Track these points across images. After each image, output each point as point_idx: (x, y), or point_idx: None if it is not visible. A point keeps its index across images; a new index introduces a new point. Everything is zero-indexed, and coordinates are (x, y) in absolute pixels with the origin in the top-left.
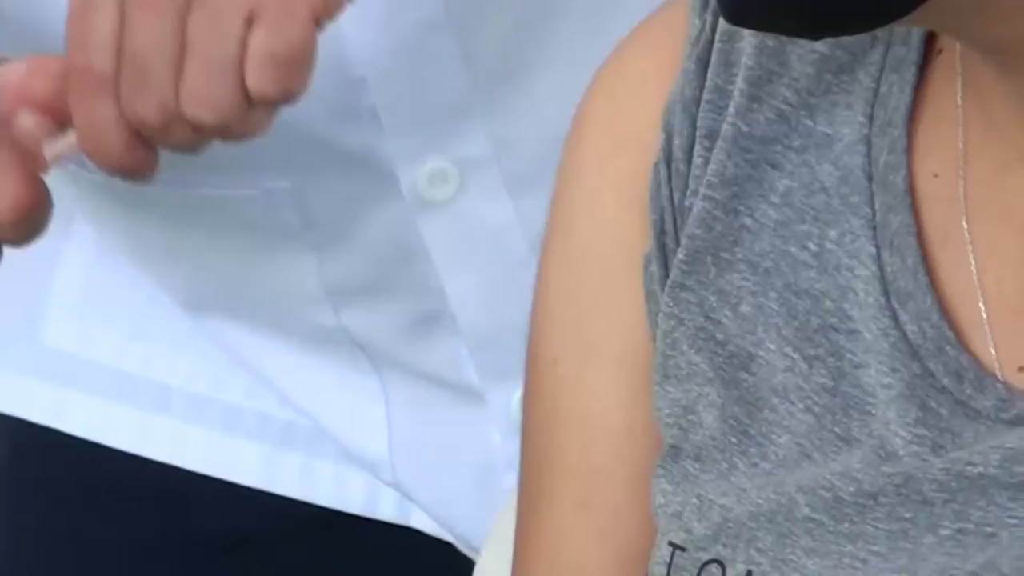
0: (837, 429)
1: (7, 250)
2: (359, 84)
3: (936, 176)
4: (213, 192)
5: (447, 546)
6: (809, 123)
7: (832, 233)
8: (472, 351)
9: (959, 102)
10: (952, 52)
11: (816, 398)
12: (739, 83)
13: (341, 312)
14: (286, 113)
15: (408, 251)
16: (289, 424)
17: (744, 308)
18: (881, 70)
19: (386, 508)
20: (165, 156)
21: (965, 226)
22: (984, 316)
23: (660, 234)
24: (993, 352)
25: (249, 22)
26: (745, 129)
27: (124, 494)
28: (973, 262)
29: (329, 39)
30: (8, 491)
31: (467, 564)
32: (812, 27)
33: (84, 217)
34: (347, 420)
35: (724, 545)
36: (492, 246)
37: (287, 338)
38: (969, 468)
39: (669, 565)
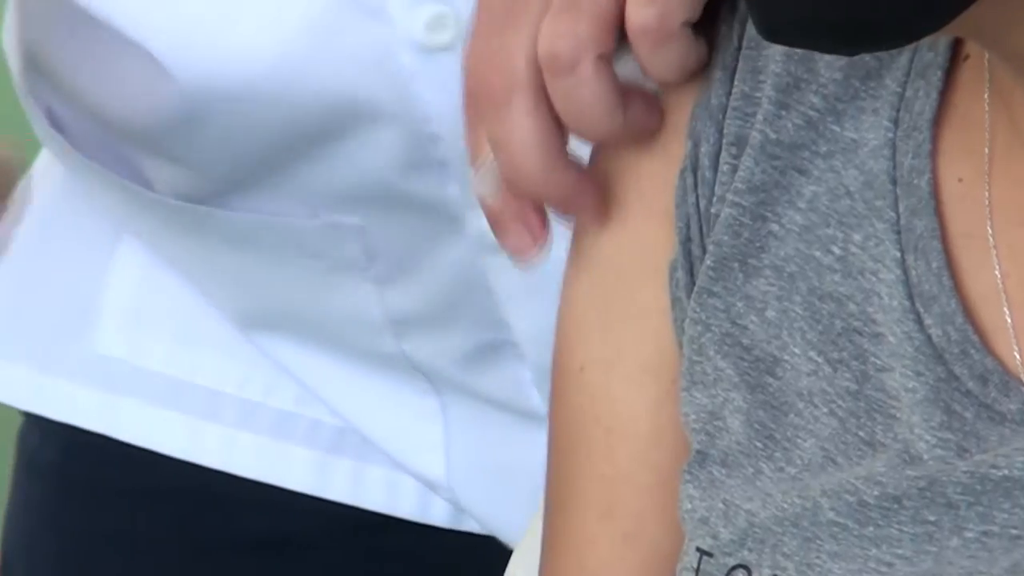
0: (861, 433)
1: (58, 258)
2: (431, 139)
3: (961, 180)
4: (277, 220)
5: (499, 545)
6: (836, 129)
7: (856, 237)
8: (537, 377)
9: (986, 107)
10: (979, 57)
11: (840, 402)
12: (767, 90)
13: (402, 340)
14: (359, 162)
15: (472, 286)
16: (340, 430)
17: (769, 313)
18: (908, 75)
19: (438, 513)
20: (225, 181)
21: (990, 230)
22: (1009, 320)
23: (686, 241)
24: (1018, 356)
25: None
26: (773, 136)
27: (173, 496)
28: (997, 266)
29: (404, 99)
30: (57, 492)
31: None
32: (847, 43)
33: (137, 237)
34: (403, 440)
35: (750, 550)
36: (558, 279)
37: (344, 359)
38: (993, 471)
39: (697, 571)
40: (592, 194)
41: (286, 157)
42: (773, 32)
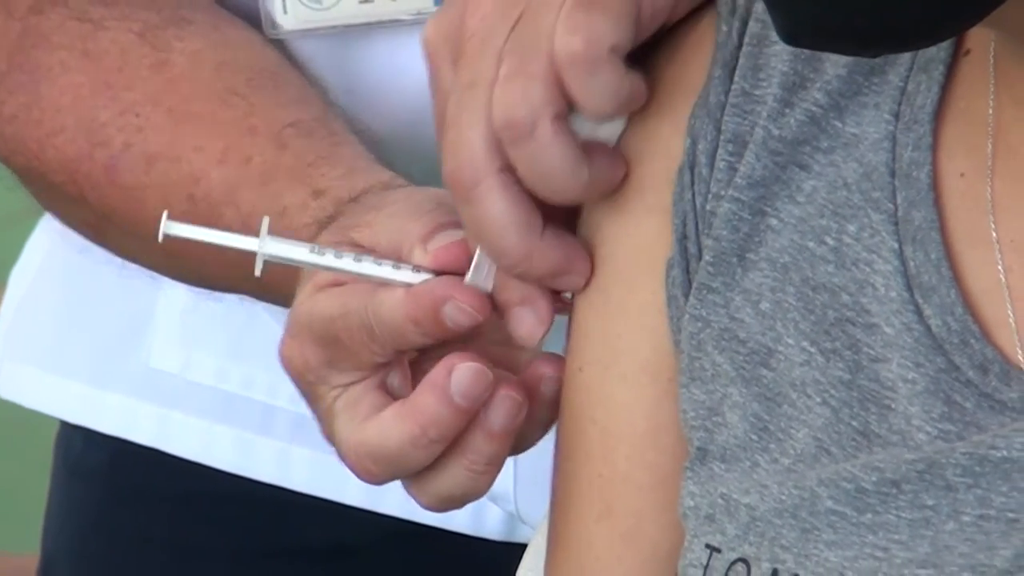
0: (854, 423)
1: (111, 273)
2: None
3: (963, 175)
4: None
5: None
6: (838, 124)
7: (851, 228)
8: None
9: (991, 103)
10: (982, 52)
11: (833, 391)
12: (772, 88)
13: None
14: None
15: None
16: None
17: (764, 305)
18: (910, 69)
19: (492, 525)
20: None
21: (992, 225)
22: (1011, 314)
23: (682, 239)
24: (1019, 351)
25: None
26: (776, 132)
27: (224, 503)
28: (1000, 260)
29: None
30: (105, 496)
31: None
32: (869, 46)
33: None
34: None
35: (750, 544)
36: None
37: None
38: (992, 452)
39: (706, 568)
40: (581, 262)
41: None
42: (795, 37)
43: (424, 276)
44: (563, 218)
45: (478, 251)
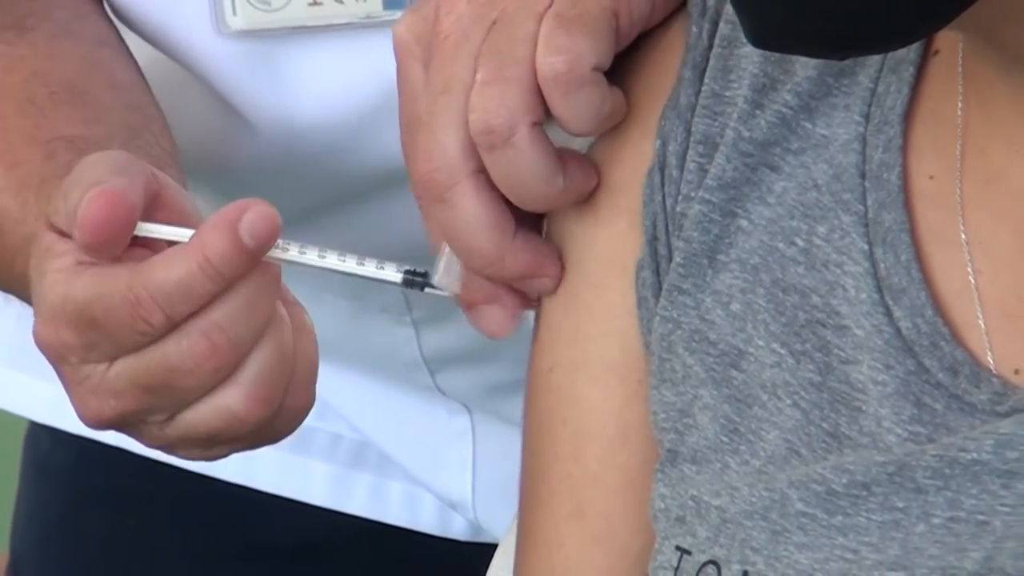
0: (825, 424)
1: None
2: None
3: (932, 177)
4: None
5: None
6: (808, 126)
7: (821, 229)
8: None
9: (959, 104)
10: (950, 53)
11: (803, 393)
12: (743, 90)
13: (436, 375)
14: (406, 219)
15: None
16: (360, 444)
17: (734, 306)
18: (880, 71)
19: (458, 527)
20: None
21: (961, 227)
22: (980, 318)
23: (652, 240)
24: (989, 354)
25: None
26: (746, 134)
27: (189, 502)
28: (969, 263)
29: None
30: (72, 496)
31: None
32: (837, 49)
33: None
34: (429, 459)
35: (721, 546)
36: None
37: (371, 380)
38: (962, 454)
39: (676, 569)
40: (552, 265)
41: (343, 206)
42: (763, 39)
43: (400, 274)
44: (535, 222)
45: (447, 252)
